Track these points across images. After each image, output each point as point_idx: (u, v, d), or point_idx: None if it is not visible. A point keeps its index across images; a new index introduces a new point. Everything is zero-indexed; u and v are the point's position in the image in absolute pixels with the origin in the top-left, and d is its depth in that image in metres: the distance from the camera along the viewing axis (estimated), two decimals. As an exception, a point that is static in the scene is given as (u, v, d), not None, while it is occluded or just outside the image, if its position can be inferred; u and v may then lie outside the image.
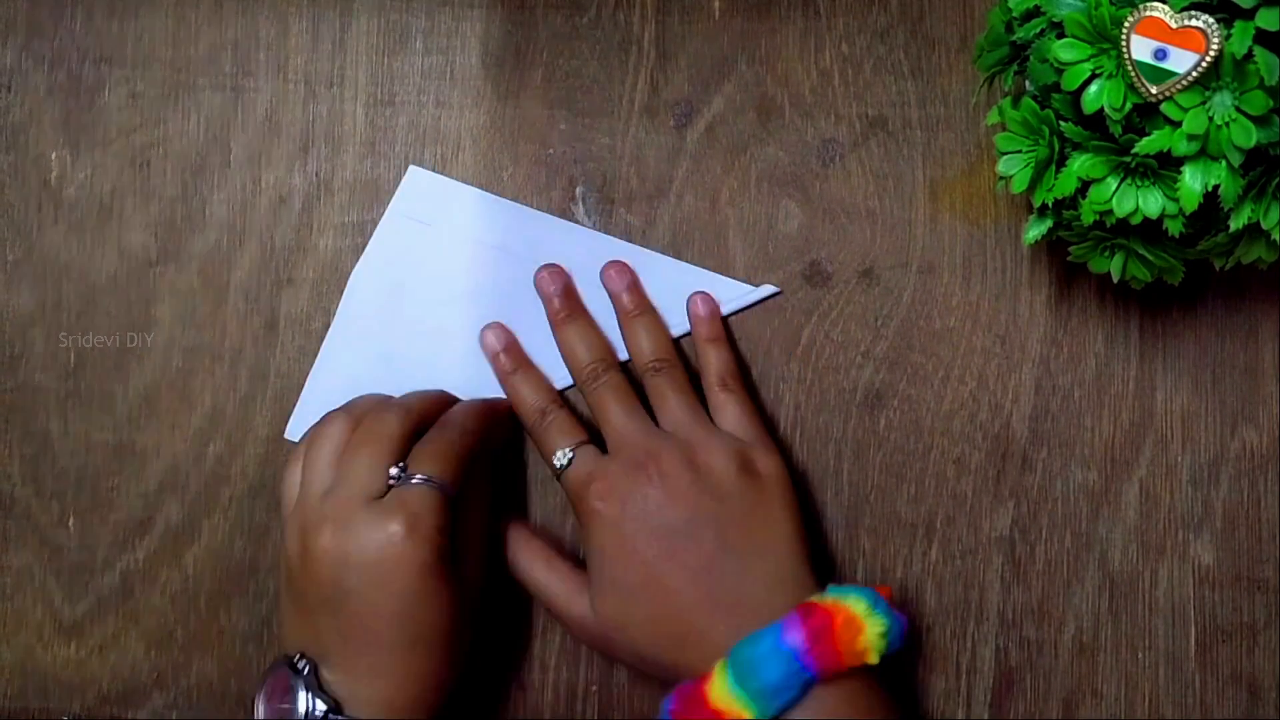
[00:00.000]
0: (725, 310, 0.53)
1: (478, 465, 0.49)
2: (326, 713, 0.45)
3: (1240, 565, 0.52)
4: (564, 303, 0.52)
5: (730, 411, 0.50)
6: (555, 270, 0.53)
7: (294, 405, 0.54)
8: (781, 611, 0.45)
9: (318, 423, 0.50)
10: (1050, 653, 0.52)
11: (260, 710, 0.46)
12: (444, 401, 0.51)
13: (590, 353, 0.52)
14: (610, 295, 0.53)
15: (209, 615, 0.54)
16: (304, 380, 0.54)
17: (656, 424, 0.50)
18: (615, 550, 0.47)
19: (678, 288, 0.53)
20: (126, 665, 0.54)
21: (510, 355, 0.53)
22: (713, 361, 0.52)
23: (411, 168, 0.54)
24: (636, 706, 0.53)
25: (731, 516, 0.47)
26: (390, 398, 0.51)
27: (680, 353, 0.53)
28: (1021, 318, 0.53)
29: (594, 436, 0.51)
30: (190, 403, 0.54)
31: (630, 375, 0.52)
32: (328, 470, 0.47)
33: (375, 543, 0.45)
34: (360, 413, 0.49)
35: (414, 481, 0.46)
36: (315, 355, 0.54)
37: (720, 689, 0.43)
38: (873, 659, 0.44)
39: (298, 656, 0.46)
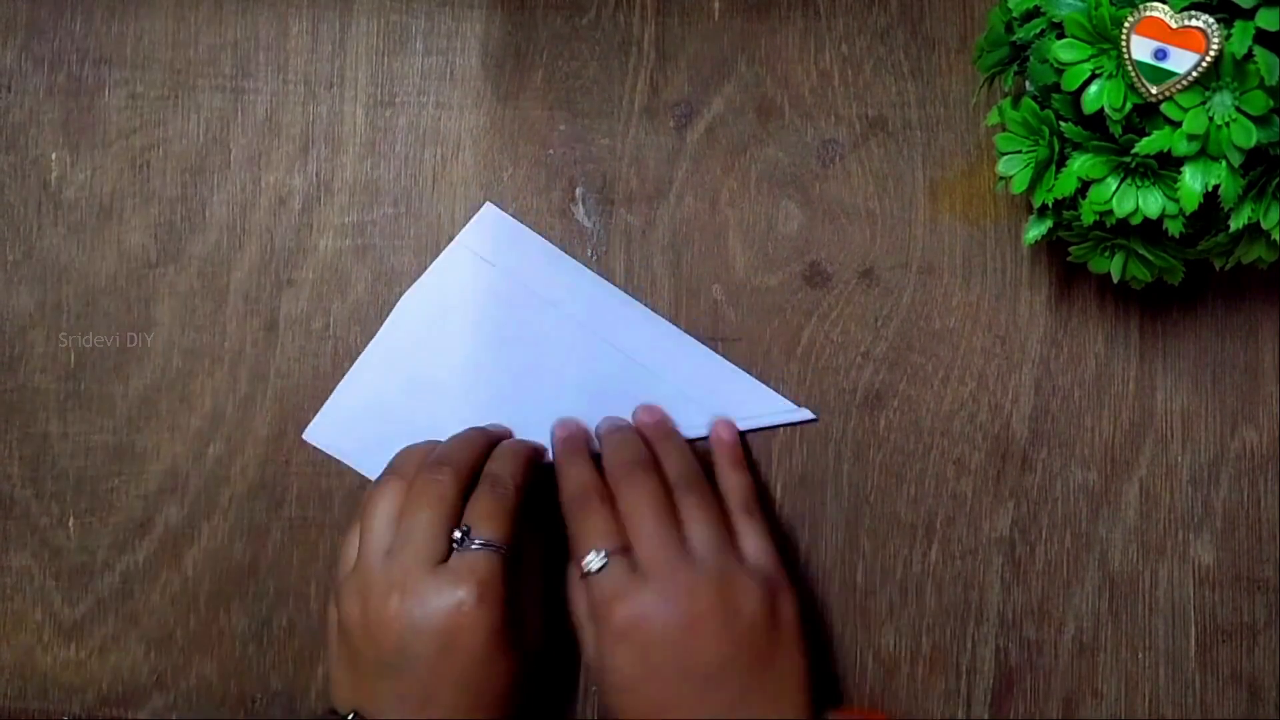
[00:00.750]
0: (758, 424, 0.53)
1: (529, 519, 0.49)
2: None
3: (1240, 565, 0.52)
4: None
5: (752, 539, 0.49)
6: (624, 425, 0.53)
7: (294, 405, 0.54)
8: None
9: (373, 487, 0.49)
10: (1050, 653, 0.52)
11: None
12: (486, 445, 0.51)
13: (628, 451, 0.50)
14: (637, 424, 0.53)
15: (209, 616, 0.54)
16: (304, 381, 0.54)
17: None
18: (630, 679, 0.46)
19: (715, 385, 0.53)
20: (126, 666, 0.54)
21: (569, 444, 0.52)
22: (735, 486, 0.51)
23: (487, 204, 0.54)
24: None
25: (750, 664, 0.46)
26: (434, 447, 0.50)
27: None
28: (1021, 318, 0.53)
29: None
30: (190, 404, 0.54)
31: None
32: (386, 534, 0.47)
33: (443, 610, 0.45)
34: (411, 471, 0.49)
35: (475, 546, 0.46)
36: (315, 355, 0.54)
37: None
38: None
39: (351, 715, 0.46)
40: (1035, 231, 0.46)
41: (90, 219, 0.54)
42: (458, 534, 0.47)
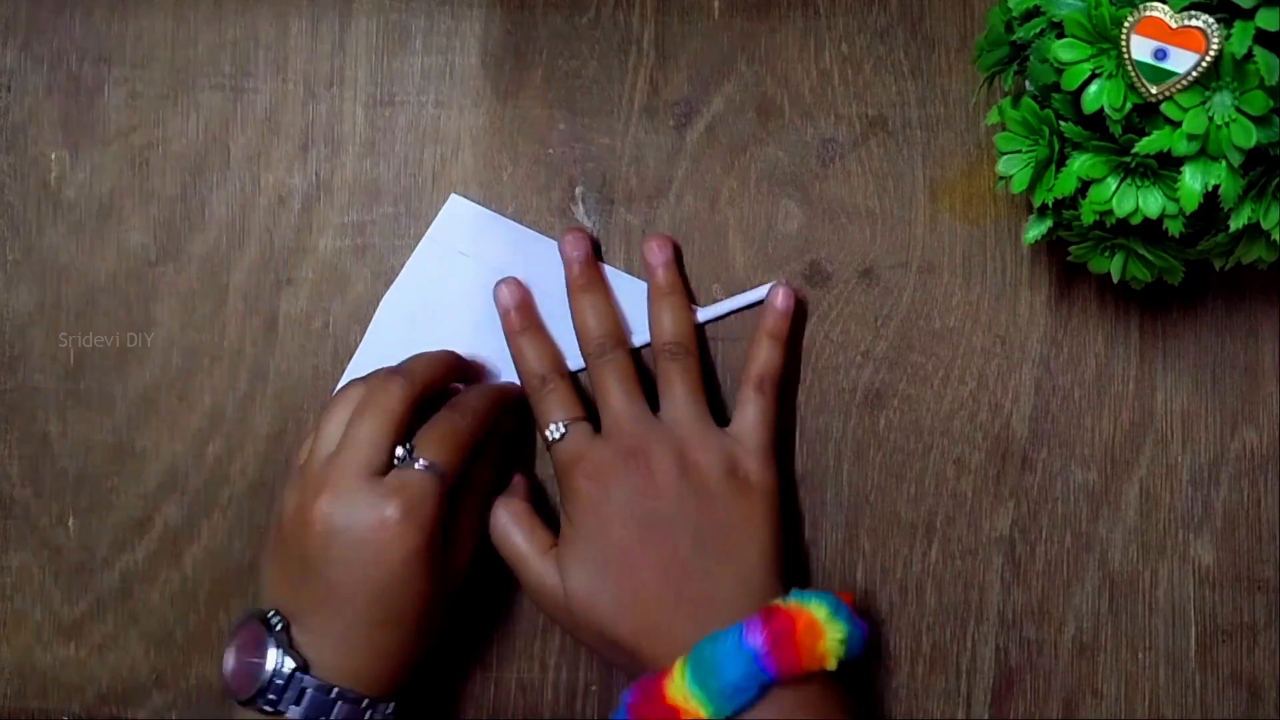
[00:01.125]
0: (732, 307, 0.53)
1: (486, 449, 0.50)
2: (294, 671, 0.45)
3: (1240, 565, 0.52)
4: (584, 270, 0.52)
5: (750, 413, 0.50)
6: (580, 236, 0.53)
7: (294, 405, 0.54)
8: (745, 614, 0.45)
9: (337, 392, 0.50)
10: (1050, 653, 0.52)
11: (229, 662, 0.46)
12: (449, 365, 0.51)
13: (601, 326, 0.51)
14: (646, 269, 0.53)
15: (208, 615, 0.54)
16: (304, 380, 0.54)
17: (657, 409, 0.50)
18: (592, 529, 0.47)
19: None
20: (126, 665, 0.54)
21: (521, 314, 0.52)
22: (763, 357, 0.51)
23: (453, 196, 0.54)
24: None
25: (711, 518, 0.47)
26: (399, 366, 0.50)
27: (702, 343, 0.53)
28: (1021, 318, 0.53)
29: (593, 415, 0.51)
30: (189, 403, 0.54)
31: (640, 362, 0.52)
32: (335, 436, 0.48)
33: (369, 521, 0.45)
34: (361, 384, 0.49)
35: (417, 466, 0.47)
36: (315, 355, 0.54)
37: (678, 686, 0.44)
38: (831, 664, 0.45)
39: (272, 612, 0.47)
40: (1035, 231, 0.46)
41: (90, 218, 0.54)
42: (400, 451, 0.47)
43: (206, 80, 0.55)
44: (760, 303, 0.53)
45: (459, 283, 0.53)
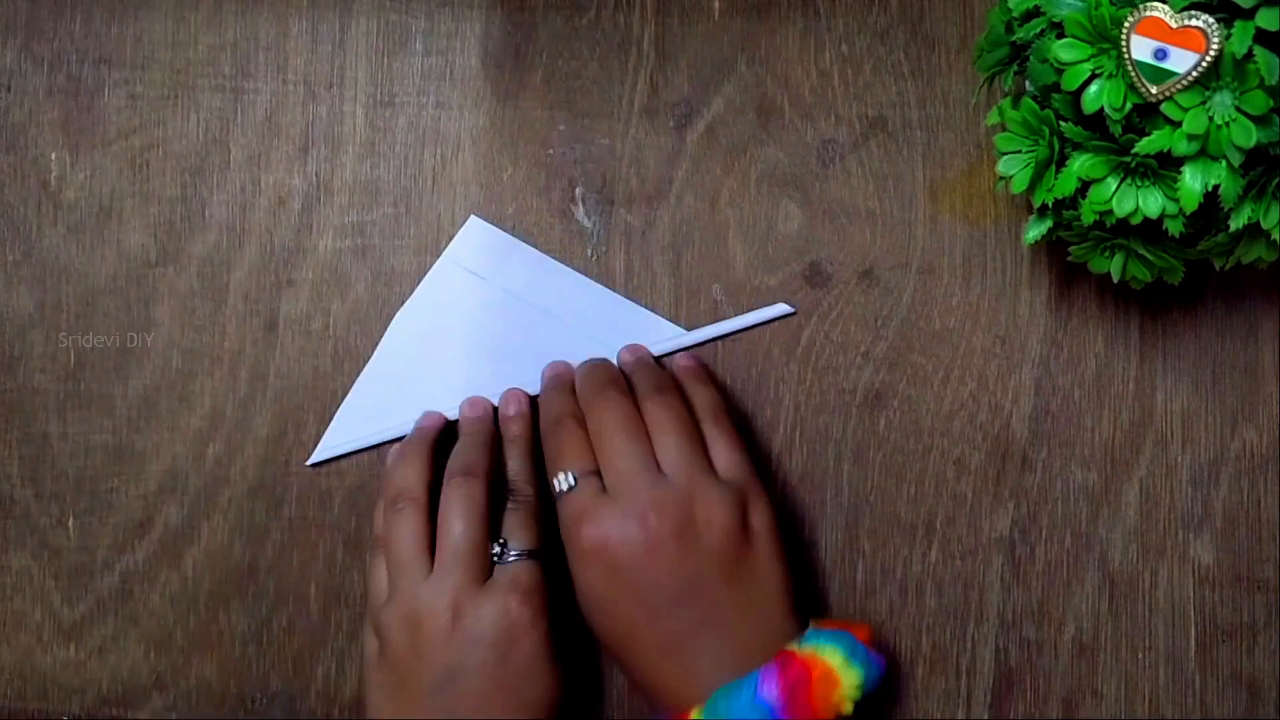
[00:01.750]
0: (732, 328, 0.53)
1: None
2: None
3: (1240, 565, 0.52)
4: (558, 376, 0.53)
5: (723, 449, 0.49)
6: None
7: (294, 405, 0.54)
8: (762, 660, 0.45)
9: (388, 513, 0.49)
10: (1050, 653, 0.52)
11: None
12: (493, 437, 0.52)
13: (600, 372, 0.51)
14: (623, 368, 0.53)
15: (208, 616, 0.54)
16: (304, 381, 0.54)
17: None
18: (600, 599, 0.47)
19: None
20: (126, 667, 0.54)
21: (556, 378, 0.52)
22: (701, 399, 0.51)
23: (472, 218, 0.54)
24: (636, 707, 0.53)
25: (722, 576, 0.46)
26: (419, 455, 0.51)
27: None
28: (1021, 318, 0.53)
29: None
30: (189, 404, 0.54)
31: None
32: (419, 558, 0.48)
33: (497, 621, 0.46)
34: (420, 490, 0.49)
35: (512, 558, 0.48)
36: (315, 355, 0.54)
37: None
38: (847, 709, 0.44)
39: None
40: (1035, 231, 0.46)
41: (90, 219, 0.54)
42: (496, 547, 0.48)
43: (206, 81, 0.55)
44: (763, 322, 0.53)
45: (471, 305, 0.53)
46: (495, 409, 0.53)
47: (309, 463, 0.54)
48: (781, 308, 0.53)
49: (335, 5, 0.54)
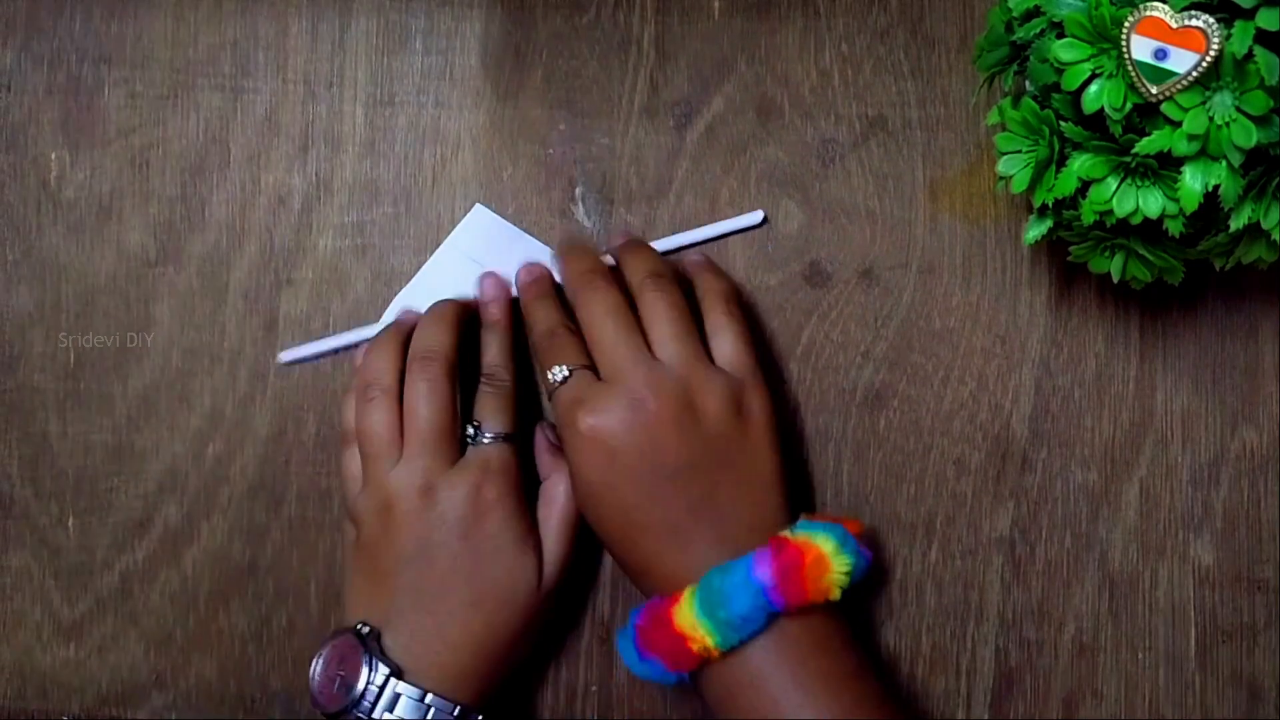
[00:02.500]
0: (701, 237, 0.53)
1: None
2: (388, 677, 0.45)
3: (1240, 565, 0.52)
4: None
5: (728, 338, 0.49)
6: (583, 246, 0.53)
7: (293, 405, 0.54)
8: (756, 544, 0.45)
9: (357, 401, 0.50)
10: (1050, 653, 0.52)
11: (316, 677, 0.47)
12: (459, 318, 0.51)
13: (585, 261, 0.50)
14: (609, 245, 0.52)
15: (208, 616, 0.54)
16: (303, 381, 0.54)
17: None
18: (598, 485, 0.47)
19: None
20: (125, 666, 0.54)
21: (537, 284, 0.52)
22: (712, 286, 0.50)
23: (478, 206, 0.54)
24: (636, 707, 0.53)
25: (719, 460, 0.47)
26: (393, 341, 0.51)
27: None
28: (1021, 318, 0.53)
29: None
30: (189, 403, 0.54)
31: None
32: (391, 444, 0.49)
33: (465, 498, 0.48)
34: (390, 379, 0.49)
35: (486, 440, 0.49)
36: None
37: (686, 614, 0.44)
38: (835, 595, 0.45)
39: (360, 624, 0.47)
40: (1035, 231, 0.46)
41: (90, 218, 0.54)
42: (470, 429, 0.49)
43: (206, 80, 0.54)
44: (735, 231, 0.53)
45: (470, 291, 0.53)
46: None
47: (282, 358, 0.53)
48: (756, 215, 0.53)
49: (335, 5, 0.54)
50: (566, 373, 0.48)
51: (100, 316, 0.54)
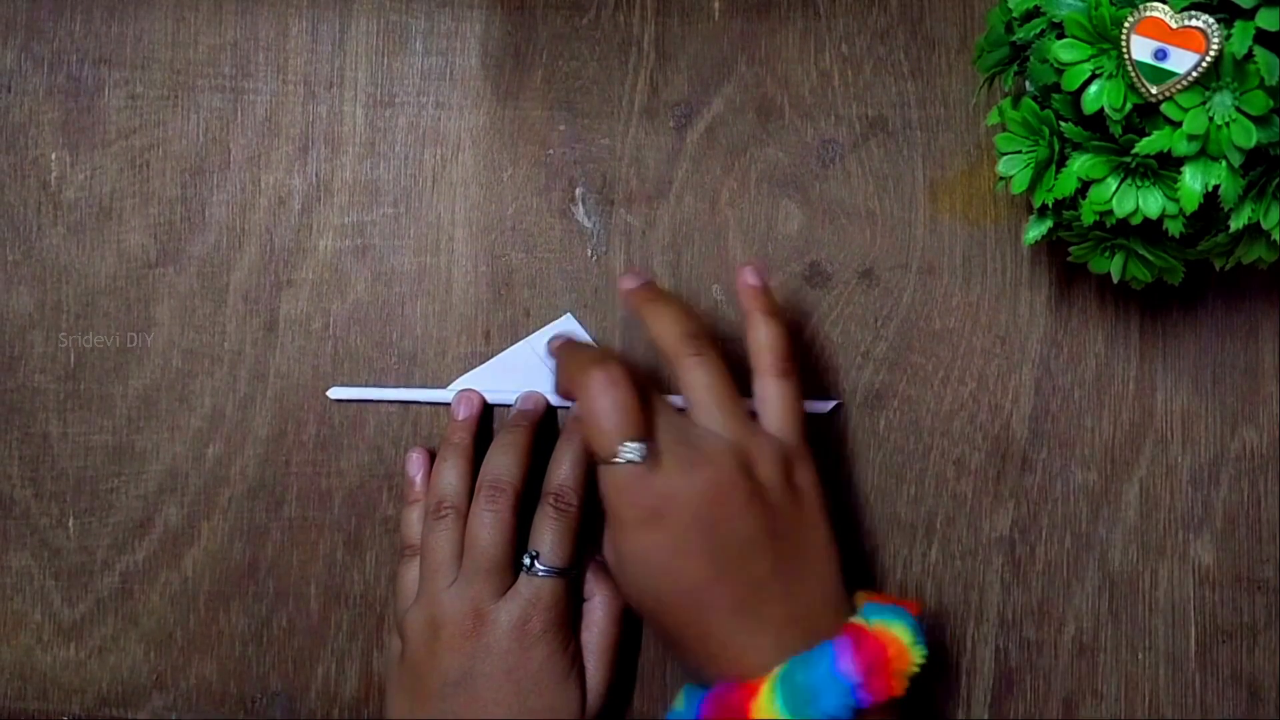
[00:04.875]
0: None
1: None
2: None
3: (1240, 565, 0.52)
4: (644, 286, 0.49)
5: (779, 404, 0.46)
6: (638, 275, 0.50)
7: (294, 405, 0.54)
8: (827, 633, 0.43)
9: (421, 516, 0.51)
10: (1050, 653, 0.52)
11: None
12: (530, 445, 0.51)
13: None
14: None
15: (208, 617, 0.54)
16: (304, 382, 0.54)
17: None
18: (664, 570, 0.43)
19: None
20: (126, 667, 0.54)
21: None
22: (766, 343, 0.46)
23: (568, 315, 0.53)
24: (637, 707, 0.53)
25: (779, 532, 0.44)
26: (459, 458, 0.51)
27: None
28: (1021, 318, 0.53)
29: None
30: (189, 404, 0.54)
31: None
32: (450, 565, 0.49)
33: (509, 629, 0.47)
34: (460, 499, 0.50)
35: (540, 573, 0.48)
36: (315, 355, 0.54)
37: (765, 708, 0.41)
38: (902, 691, 0.43)
39: None
40: (1035, 231, 0.46)
41: (90, 219, 0.54)
42: (527, 559, 0.48)
43: (207, 81, 0.55)
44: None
45: (535, 388, 0.53)
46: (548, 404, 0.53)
47: (331, 395, 0.54)
48: (828, 404, 0.52)
49: (335, 5, 0.54)
50: (643, 451, 0.43)
51: (100, 317, 0.54)
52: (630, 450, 0.43)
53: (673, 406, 0.45)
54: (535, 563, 0.48)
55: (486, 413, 0.53)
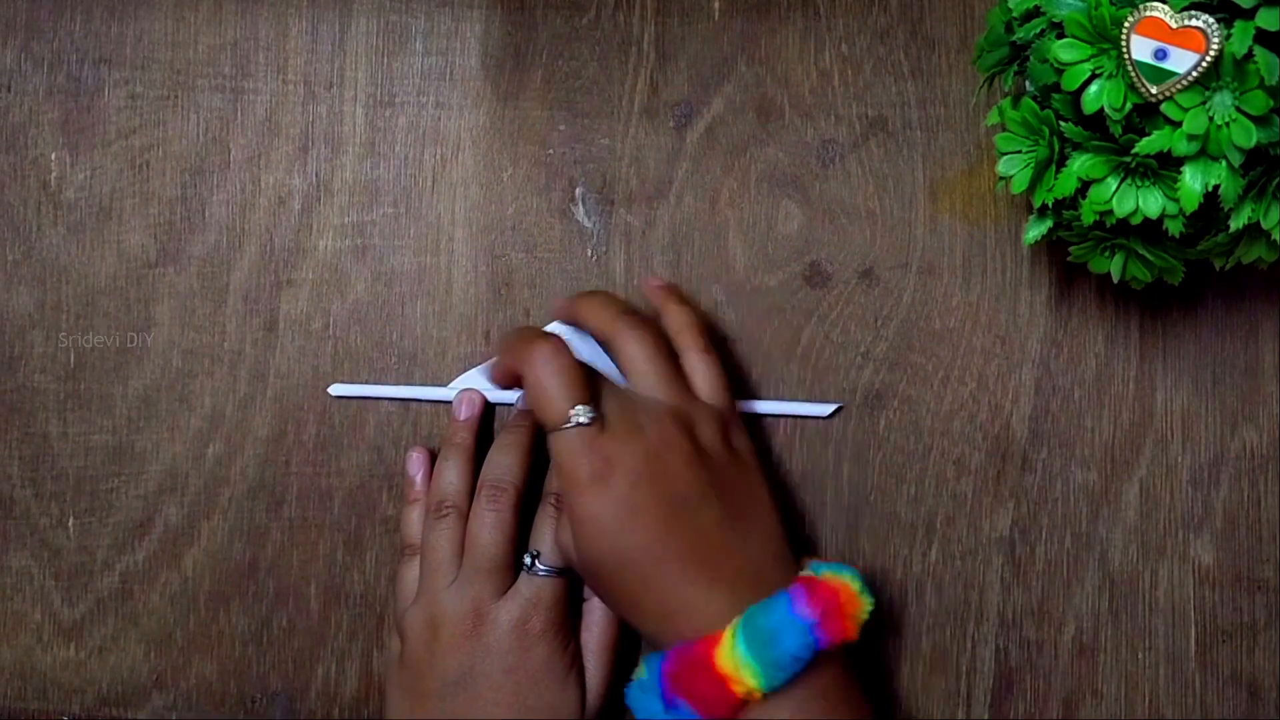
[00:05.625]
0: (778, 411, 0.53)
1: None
2: None
3: (1240, 565, 0.52)
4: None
5: (707, 376, 0.49)
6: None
7: (294, 405, 0.54)
8: (781, 584, 0.45)
9: (422, 515, 0.51)
10: (1050, 653, 0.52)
11: None
12: (531, 443, 0.51)
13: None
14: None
15: (208, 616, 0.54)
16: (303, 382, 0.54)
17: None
18: (616, 530, 0.44)
19: None
20: (126, 667, 0.54)
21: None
22: (681, 323, 0.50)
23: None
24: None
25: (724, 490, 0.46)
26: (460, 458, 0.51)
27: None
28: (1021, 318, 0.53)
29: None
30: (189, 404, 0.54)
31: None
32: (450, 565, 0.49)
33: (509, 629, 0.47)
34: (462, 499, 0.50)
35: (541, 573, 0.48)
36: (315, 355, 0.54)
37: (729, 654, 0.42)
38: (856, 635, 0.44)
39: None
40: (1035, 231, 0.46)
41: (90, 219, 0.54)
42: (528, 558, 0.49)
43: (206, 81, 0.55)
44: (809, 416, 0.53)
45: None
46: None
47: (332, 391, 0.54)
48: (828, 408, 0.53)
49: (335, 5, 0.54)
50: (591, 414, 0.45)
51: (100, 317, 0.54)
52: (579, 413, 0.45)
53: (613, 380, 0.48)
54: (536, 562, 0.48)
55: (488, 412, 0.53)
